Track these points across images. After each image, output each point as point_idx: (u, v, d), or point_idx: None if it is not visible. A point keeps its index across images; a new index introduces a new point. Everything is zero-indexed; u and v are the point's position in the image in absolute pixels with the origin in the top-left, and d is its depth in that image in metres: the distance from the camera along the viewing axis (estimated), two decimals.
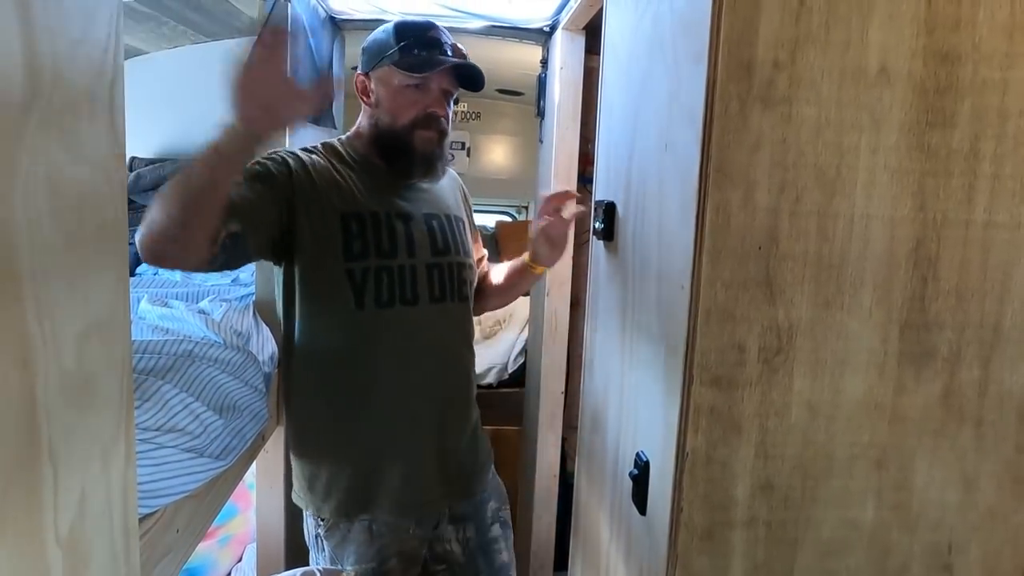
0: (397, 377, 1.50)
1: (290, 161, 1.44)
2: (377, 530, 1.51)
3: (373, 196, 1.50)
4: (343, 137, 1.60)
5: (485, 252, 1.87)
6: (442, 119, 1.52)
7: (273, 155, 1.45)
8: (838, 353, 0.87)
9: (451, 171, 1.77)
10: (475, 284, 1.69)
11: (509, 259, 1.80)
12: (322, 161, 1.49)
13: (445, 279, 1.55)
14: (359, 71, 1.56)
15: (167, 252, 1.17)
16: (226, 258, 1.28)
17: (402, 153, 1.52)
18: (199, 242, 1.17)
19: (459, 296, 1.59)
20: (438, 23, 1.55)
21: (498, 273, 1.82)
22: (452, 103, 1.57)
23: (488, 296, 1.82)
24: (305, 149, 1.52)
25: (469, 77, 1.53)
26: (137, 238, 1.14)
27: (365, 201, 1.48)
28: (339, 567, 1.53)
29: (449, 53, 1.51)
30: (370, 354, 1.49)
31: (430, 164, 1.55)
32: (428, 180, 1.59)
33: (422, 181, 1.58)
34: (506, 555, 1.71)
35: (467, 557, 1.65)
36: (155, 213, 1.11)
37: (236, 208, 1.27)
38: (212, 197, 1.12)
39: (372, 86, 1.53)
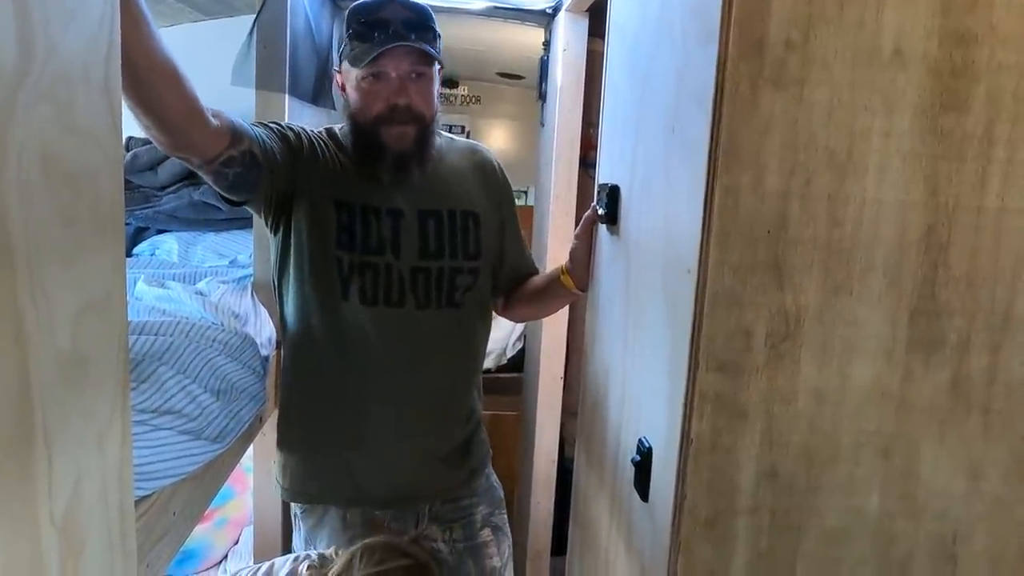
0: (374, 376, 1.48)
1: (303, 135, 1.43)
2: (351, 519, 1.51)
3: (366, 188, 1.45)
4: (341, 126, 1.53)
5: (535, 268, 1.71)
6: (410, 106, 1.38)
7: (291, 125, 1.45)
8: (846, 339, 0.85)
9: (484, 154, 1.65)
10: (480, 287, 1.56)
11: None
12: (324, 144, 1.47)
13: (432, 285, 1.47)
14: (334, 67, 1.48)
15: (160, 137, 1.12)
16: (241, 172, 1.28)
17: (372, 152, 1.42)
18: (171, 105, 1.08)
19: (448, 302, 1.50)
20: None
21: (535, 281, 1.67)
22: (436, 83, 1.44)
23: (519, 304, 1.68)
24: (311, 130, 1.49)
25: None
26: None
27: (357, 193, 1.44)
28: (313, 548, 1.53)
29: (401, 29, 1.35)
30: (350, 349, 1.46)
31: (403, 163, 1.43)
32: (404, 177, 1.46)
33: (396, 178, 1.45)
34: (497, 559, 1.66)
35: (455, 558, 1.61)
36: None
37: (259, 140, 1.30)
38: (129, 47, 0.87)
39: (341, 82, 1.46)
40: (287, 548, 2.04)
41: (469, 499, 1.63)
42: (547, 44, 2.38)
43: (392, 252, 1.44)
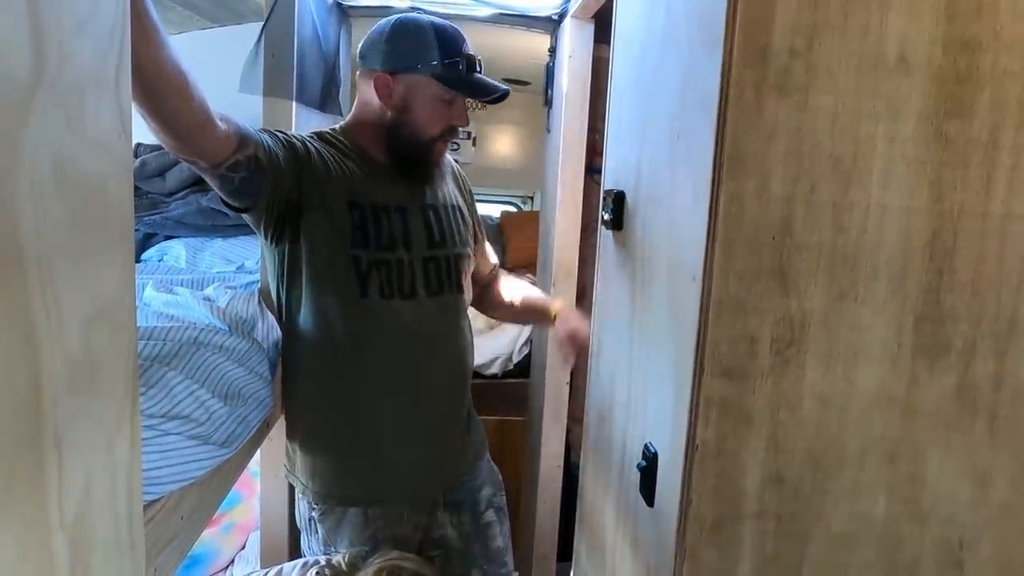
0: (395, 368, 1.53)
1: (308, 144, 1.48)
2: (372, 514, 1.53)
3: (371, 188, 1.51)
4: (334, 127, 1.60)
5: (496, 262, 1.91)
6: (460, 131, 1.62)
7: (295, 134, 1.50)
8: (851, 345, 0.85)
9: (448, 158, 1.79)
10: (472, 272, 1.72)
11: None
12: (325, 150, 1.50)
13: (442, 272, 1.58)
14: (382, 67, 1.49)
15: (168, 142, 1.16)
16: (246, 177, 1.32)
17: (420, 162, 1.56)
18: (181, 112, 1.11)
19: (457, 287, 1.61)
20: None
21: (512, 294, 1.87)
22: None
23: (493, 308, 1.89)
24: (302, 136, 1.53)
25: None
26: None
27: (365, 192, 1.50)
28: (332, 550, 1.54)
29: (479, 70, 1.54)
30: (370, 344, 1.51)
31: (439, 170, 1.65)
32: (433, 181, 1.64)
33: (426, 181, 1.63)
34: (501, 540, 1.74)
35: (462, 542, 1.67)
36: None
37: (265, 146, 1.35)
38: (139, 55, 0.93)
39: (399, 89, 1.49)
40: (294, 553, 2.05)
41: (474, 481, 1.71)
42: (553, 50, 2.39)
43: (404, 246, 1.52)
